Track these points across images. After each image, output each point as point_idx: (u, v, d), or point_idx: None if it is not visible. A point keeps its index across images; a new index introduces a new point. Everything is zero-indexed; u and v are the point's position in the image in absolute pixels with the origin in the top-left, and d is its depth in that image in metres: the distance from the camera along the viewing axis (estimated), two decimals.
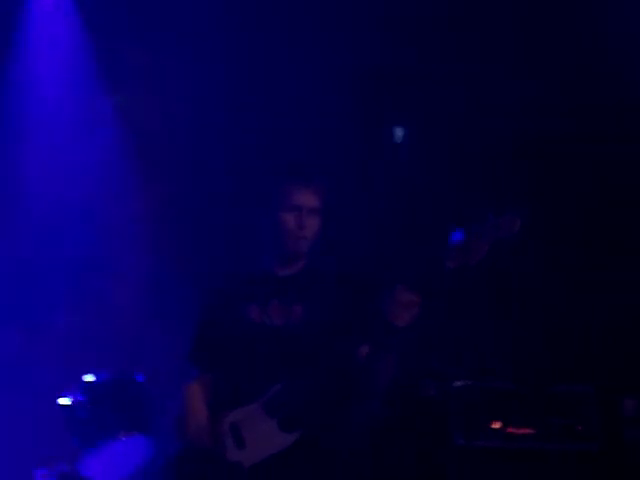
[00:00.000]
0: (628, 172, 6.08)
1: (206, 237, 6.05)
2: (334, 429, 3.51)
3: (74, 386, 5.15)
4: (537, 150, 6.19)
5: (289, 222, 3.59)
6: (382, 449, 5.42)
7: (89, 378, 5.19)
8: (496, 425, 5.55)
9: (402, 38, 6.09)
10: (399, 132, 6.45)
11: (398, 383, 3.50)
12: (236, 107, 6.17)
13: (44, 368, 5.80)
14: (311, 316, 3.55)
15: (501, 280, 5.83)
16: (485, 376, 5.65)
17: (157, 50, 6.16)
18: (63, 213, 6.11)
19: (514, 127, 6.20)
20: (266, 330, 3.55)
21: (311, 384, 3.44)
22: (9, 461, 5.53)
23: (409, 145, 6.42)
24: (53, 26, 6.14)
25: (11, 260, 6.05)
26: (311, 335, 3.50)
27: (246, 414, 3.48)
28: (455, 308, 5.56)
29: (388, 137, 6.46)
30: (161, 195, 6.27)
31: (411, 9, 6.01)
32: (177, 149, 6.18)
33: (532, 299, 6.10)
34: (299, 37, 6.08)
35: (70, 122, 6.16)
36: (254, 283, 3.65)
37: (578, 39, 5.88)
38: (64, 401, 5.14)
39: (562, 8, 5.89)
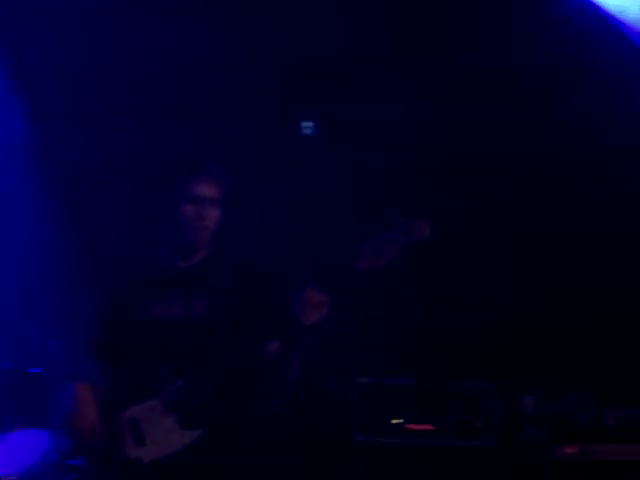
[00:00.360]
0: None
1: (105, 233, 5.96)
2: (235, 426, 3.47)
3: None
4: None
5: (189, 213, 3.54)
6: (283, 445, 5.41)
7: None
8: (396, 421, 5.58)
9: (318, 31, 6.08)
10: (310, 126, 6.42)
11: (302, 379, 3.48)
12: (140, 99, 6.08)
13: None
14: (213, 309, 3.50)
15: (406, 279, 5.85)
16: (387, 373, 5.68)
17: (63, 38, 6.04)
18: None
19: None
20: (166, 324, 3.49)
21: (212, 380, 3.39)
22: None
23: (321, 140, 6.39)
24: None
25: None
26: (212, 328, 3.46)
27: (146, 410, 3.42)
28: (361, 307, 5.57)
29: (299, 130, 6.42)
30: (62, 191, 6.16)
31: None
32: (78, 143, 6.07)
33: (434, 297, 6.14)
34: (212, 25, 6.02)
35: None
36: (155, 278, 3.61)
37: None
38: None
39: None
